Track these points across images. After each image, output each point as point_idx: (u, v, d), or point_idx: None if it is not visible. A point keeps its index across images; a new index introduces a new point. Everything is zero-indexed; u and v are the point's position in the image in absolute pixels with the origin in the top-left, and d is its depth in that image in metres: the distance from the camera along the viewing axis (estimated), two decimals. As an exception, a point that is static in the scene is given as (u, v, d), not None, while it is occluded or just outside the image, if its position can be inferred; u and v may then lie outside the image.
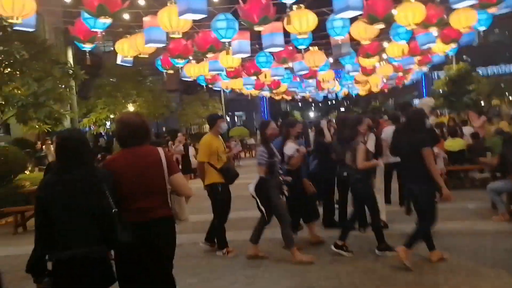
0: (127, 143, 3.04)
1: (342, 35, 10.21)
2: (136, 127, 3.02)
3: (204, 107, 25.61)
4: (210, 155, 5.60)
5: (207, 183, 5.67)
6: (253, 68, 14.68)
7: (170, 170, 3.02)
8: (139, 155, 2.98)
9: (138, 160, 2.96)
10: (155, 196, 2.96)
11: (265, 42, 10.48)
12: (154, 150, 3.06)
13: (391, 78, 21.95)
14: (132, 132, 3.01)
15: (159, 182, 2.98)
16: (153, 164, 2.99)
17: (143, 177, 2.92)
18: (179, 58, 11.69)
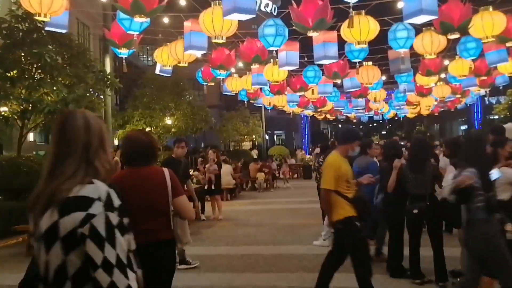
0: (133, 162, 2.98)
1: (405, 47, 8.98)
2: (144, 146, 2.97)
3: (244, 124, 24.68)
4: (338, 181, 4.28)
5: (338, 218, 4.30)
6: (300, 83, 13.60)
7: (174, 192, 2.97)
8: (145, 176, 2.92)
9: (143, 181, 2.89)
10: (158, 218, 2.90)
11: (317, 53, 9.39)
12: (160, 171, 3.00)
13: (446, 100, 20.32)
14: (139, 151, 2.96)
15: (163, 204, 2.93)
16: (158, 185, 2.93)
17: (148, 199, 2.87)
18: (221, 69, 10.78)
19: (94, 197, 1.55)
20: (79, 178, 1.59)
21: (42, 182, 1.63)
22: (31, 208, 1.63)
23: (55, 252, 1.54)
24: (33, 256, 2.06)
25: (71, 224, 1.52)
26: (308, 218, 9.96)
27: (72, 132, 1.67)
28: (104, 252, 1.51)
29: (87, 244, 1.51)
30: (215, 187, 10.96)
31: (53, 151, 1.66)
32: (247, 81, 13.89)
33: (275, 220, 9.80)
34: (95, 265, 1.51)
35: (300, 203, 12.72)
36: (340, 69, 11.34)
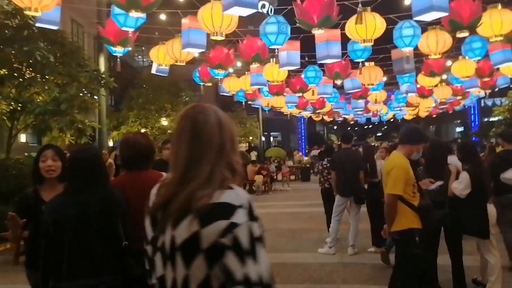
0: (133, 166, 2.85)
1: (412, 46, 8.66)
2: (143, 149, 2.85)
3: (242, 125, 24.31)
4: (405, 186, 3.73)
5: (398, 229, 3.75)
6: (300, 84, 13.28)
7: None
8: (146, 180, 2.61)
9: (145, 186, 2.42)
10: None
11: (319, 52, 9.05)
12: (160, 176, 2.59)
13: (446, 102, 20.07)
14: (139, 155, 2.84)
15: None
16: None
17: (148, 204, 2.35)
18: (219, 69, 10.42)
19: (236, 204, 1.38)
20: (217, 182, 1.42)
21: (171, 186, 1.45)
22: (153, 214, 1.48)
23: (198, 265, 1.36)
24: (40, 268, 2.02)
25: (213, 234, 1.34)
26: (309, 222, 9.63)
27: (207, 131, 1.50)
28: (246, 268, 1.33)
29: (227, 256, 1.34)
30: None
31: (186, 152, 1.47)
32: (246, 81, 13.55)
33: (276, 225, 9.44)
34: (233, 281, 1.33)
35: (300, 206, 12.38)
36: (342, 69, 11.02)
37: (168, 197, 1.44)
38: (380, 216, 5.55)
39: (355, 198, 6.81)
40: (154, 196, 1.52)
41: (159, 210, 1.46)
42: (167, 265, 1.41)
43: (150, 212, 1.50)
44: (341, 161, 6.78)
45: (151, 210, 1.50)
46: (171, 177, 1.48)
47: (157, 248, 1.45)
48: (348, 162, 6.71)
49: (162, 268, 1.43)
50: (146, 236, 1.54)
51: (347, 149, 6.89)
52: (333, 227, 6.86)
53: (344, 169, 6.72)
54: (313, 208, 11.62)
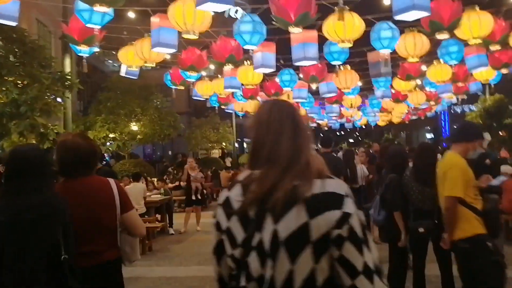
0: (72, 173, 2.57)
1: (390, 48, 8.46)
2: (84, 152, 2.57)
3: (215, 131, 23.84)
4: (466, 188, 3.38)
5: (463, 236, 3.32)
6: (274, 87, 12.98)
7: (123, 206, 2.62)
8: (88, 188, 2.56)
9: (88, 194, 2.54)
10: (104, 236, 2.56)
11: (295, 54, 8.75)
12: (106, 182, 2.62)
13: (419, 108, 20.17)
14: (79, 159, 2.55)
15: (109, 222, 2.57)
16: (104, 200, 2.57)
17: (92, 216, 2.51)
18: (191, 71, 10.02)
19: (343, 194, 1.37)
20: (315, 173, 1.39)
21: (268, 180, 1.37)
22: (243, 213, 1.37)
23: (305, 259, 1.31)
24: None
25: (325, 225, 1.31)
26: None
27: (302, 122, 1.53)
28: (364, 257, 1.32)
29: (345, 247, 1.31)
30: (200, 197, 10.60)
31: (288, 145, 1.42)
32: (219, 84, 13.16)
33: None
34: (355, 272, 1.31)
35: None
36: (318, 72, 10.76)
37: (266, 191, 1.36)
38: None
39: None
40: (238, 196, 1.42)
41: (252, 207, 1.37)
42: (266, 263, 1.33)
43: (240, 211, 1.40)
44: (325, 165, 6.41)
45: (241, 209, 1.40)
46: (263, 172, 1.39)
47: (251, 248, 1.36)
48: (328, 167, 6.36)
49: (260, 268, 1.35)
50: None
51: (327, 154, 6.56)
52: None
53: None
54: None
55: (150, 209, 9.45)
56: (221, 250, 1.49)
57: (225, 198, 1.49)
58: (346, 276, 1.30)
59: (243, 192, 1.42)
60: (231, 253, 1.43)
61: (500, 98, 18.78)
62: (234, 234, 1.41)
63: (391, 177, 4.28)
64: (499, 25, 8.70)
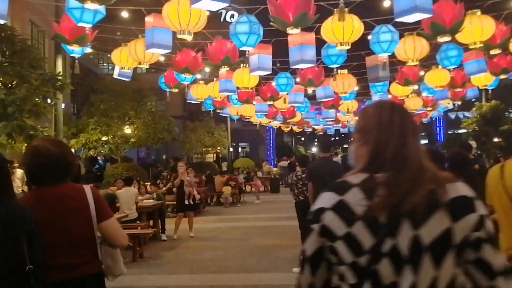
0: (40, 181, 2.40)
1: (389, 51, 8.28)
2: (52, 158, 2.38)
3: (209, 135, 23.57)
4: None
5: None
6: (270, 91, 12.77)
7: (100, 214, 2.41)
8: (59, 197, 2.36)
9: (58, 204, 2.34)
10: (78, 249, 2.35)
11: (293, 56, 8.54)
12: (79, 189, 2.44)
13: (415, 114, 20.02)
14: (47, 166, 2.37)
15: (85, 231, 2.38)
16: (78, 208, 2.38)
17: (64, 226, 2.32)
18: (186, 73, 9.79)
19: (473, 196, 1.36)
20: (442, 176, 1.39)
21: (401, 184, 1.33)
22: (371, 218, 1.33)
23: (448, 265, 1.31)
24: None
25: (466, 228, 1.32)
26: (282, 237, 9.03)
27: (418, 124, 1.53)
28: (499, 258, 1.35)
29: (484, 249, 1.32)
30: (193, 202, 10.27)
31: (417, 147, 1.42)
32: (214, 88, 12.94)
33: (246, 240, 8.80)
34: (492, 273, 1.33)
35: (271, 219, 11.77)
36: (315, 76, 10.57)
37: (400, 196, 1.32)
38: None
39: None
40: (362, 200, 1.35)
41: (383, 212, 1.33)
42: (403, 270, 1.30)
43: (368, 216, 1.34)
44: (320, 172, 6.15)
45: (369, 214, 1.33)
46: (391, 175, 1.35)
47: (381, 255, 1.32)
48: (328, 172, 6.10)
49: (393, 275, 1.32)
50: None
51: (326, 159, 6.32)
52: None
53: (322, 181, 6.11)
54: (286, 221, 11.05)
55: (142, 215, 9.18)
56: (320, 258, 1.44)
57: (336, 202, 1.41)
58: (484, 277, 1.32)
59: (367, 196, 1.35)
60: (352, 261, 1.35)
61: (496, 104, 18.73)
62: (359, 240, 1.34)
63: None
64: (500, 30, 8.56)
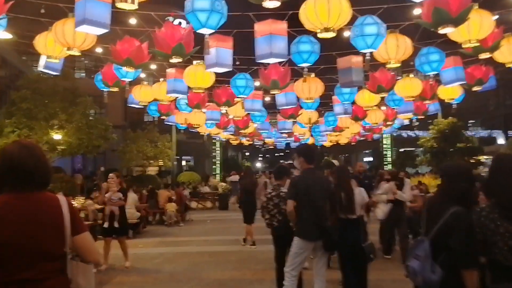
0: (15, 187, 2.24)
1: (374, 47, 7.03)
2: (22, 163, 2.24)
3: (153, 145, 21.52)
4: None
5: None
6: (226, 96, 11.23)
7: (74, 227, 2.29)
8: (31, 206, 2.22)
9: (28, 213, 2.19)
10: (45, 263, 2.19)
11: (260, 49, 7.16)
12: (54, 199, 2.32)
13: (371, 128, 19.18)
14: (16, 171, 2.24)
15: (55, 244, 2.23)
16: (50, 219, 2.24)
17: (34, 238, 2.17)
18: (128, 66, 8.11)
19: None
20: None
21: None
22: None
23: None
24: None
25: None
26: (242, 268, 7.40)
27: None
28: None
29: None
30: (119, 225, 7.87)
31: None
32: (160, 89, 11.27)
33: (197, 273, 7.07)
34: None
35: (223, 243, 10.08)
36: (280, 77, 9.13)
37: None
38: (360, 269, 3.81)
39: (324, 243, 4.68)
40: None
41: None
42: None
43: None
44: (307, 188, 4.69)
45: None
46: None
47: None
48: (316, 189, 4.69)
49: None
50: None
51: (312, 171, 4.83)
52: (287, 286, 4.69)
53: (310, 199, 4.65)
54: (241, 246, 9.46)
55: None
56: None
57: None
58: None
59: None
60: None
61: (453, 121, 18.31)
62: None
63: (458, 212, 2.61)
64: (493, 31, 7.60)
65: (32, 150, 2.33)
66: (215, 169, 35.90)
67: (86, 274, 2.35)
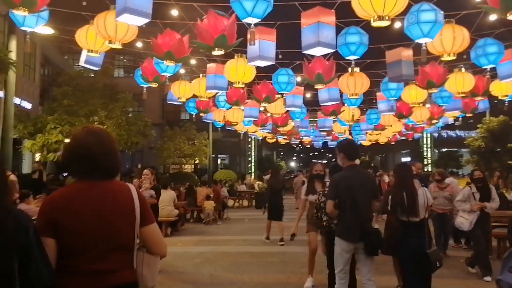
0: (80, 174, 2.18)
1: (431, 36, 6.53)
2: (88, 150, 2.15)
3: (190, 143, 21.43)
4: None
5: None
6: (266, 91, 10.88)
7: (144, 218, 2.19)
8: (103, 194, 2.13)
9: (102, 202, 2.11)
10: (117, 254, 2.11)
11: (306, 39, 6.81)
12: (125, 188, 2.21)
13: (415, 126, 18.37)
14: (83, 158, 2.15)
15: (127, 234, 2.14)
16: (123, 208, 2.14)
17: (104, 226, 2.08)
18: (168, 60, 7.94)
19: None
20: None
21: None
22: None
23: None
24: None
25: None
26: (285, 270, 7.01)
27: None
28: None
29: None
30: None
31: None
32: (200, 85, 11.05)
33: (239, 275, 6.71)
34: None
35: (264, 243, 9.73)
36: (326, 70, 8.72)
37: None
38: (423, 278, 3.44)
39: (365, 246, 4.30)
40: None
41: None
42: None
43: None
44: (348, 188, 4.37)
45: None
46: None
47: None
48: (358, 189, 4.35)
49: None
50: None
51: (354, 169, 4.44)
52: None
53: (351, 200, 4.33)
54: (282, 247, 9.10)
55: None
56: None
57: None
58: None
59: None
60: None
61: (504, 120, 17.32)
62: None
63: None
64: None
65: (100, 136, 2.23)
66: (250, 167, 35.74)
67: (151, 266, 2.25)
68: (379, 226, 4.60)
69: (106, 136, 2.27)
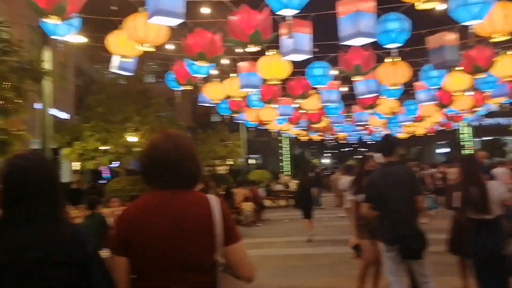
0: (155, 183, 1.98)
1: (480, 18, 6.08)
2: (166, 157, 1.96)
3: (223, 144, 21.32)
4: None
5: None
6: (301, 87, 10.55)
7: (228, 235, 1.92)
8: (180, 207, 1.91)
9: (179, 216, 1.89)
10: (196, 275, 1.87)
11: (344, 29, 6.41)
12: (204, 200, 1.95)
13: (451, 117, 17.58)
14: (159, 166, 1.97)
15: (203, 253, 1.89)
16: (199, 222, 1.90)
17: (183, 245, 1.86)
18: (200, 61, 7.75)
19: None
20: None
21: None
22: None
23: None
24: None
25: None
26: (336, 273, 6.68)
27: None
28: None
29: None
30: None
31: None
32: (232, 85, 10.83)
33: (287, 280, 6.39)
34: None
35: (309, 244, 9.41)
36: (364, 61, 8.33)
37: None
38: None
39: (401, 249, 4.01)
40: None
41: None
42: None
43: None
44: (384, 188, 4.08)
45: None
46: None
47: None
48: (395, 189, 4.05)
49: None
50: None
51: (391, 166, 4.18)
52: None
53: (387, 202, 4.05)
54: (330, 246, 8.76)
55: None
56: None
57: None
58: None
59: None
60: None
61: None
62: None
63: None
64: None
65: (179, 142, 2.02)
66: (282, 166, 35.45)
67: None
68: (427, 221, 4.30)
69: (187, 142, 2.05)
